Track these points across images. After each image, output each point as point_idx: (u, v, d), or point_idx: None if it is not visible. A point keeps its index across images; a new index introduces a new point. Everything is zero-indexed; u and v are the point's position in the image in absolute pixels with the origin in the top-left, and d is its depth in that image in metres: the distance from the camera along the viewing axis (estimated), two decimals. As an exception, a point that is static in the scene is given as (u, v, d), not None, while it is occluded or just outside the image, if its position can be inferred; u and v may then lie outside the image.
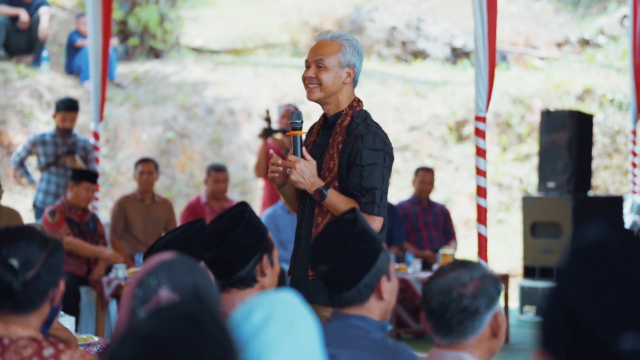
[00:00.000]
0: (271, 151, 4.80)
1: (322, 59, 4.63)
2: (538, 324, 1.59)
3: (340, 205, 4.49)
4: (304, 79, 4.68)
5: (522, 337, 9.68)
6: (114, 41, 14.70)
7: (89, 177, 8.86)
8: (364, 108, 4.74)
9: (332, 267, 3.21)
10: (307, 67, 4.69)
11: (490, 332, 2.91)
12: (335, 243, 3.24)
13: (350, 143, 4.57)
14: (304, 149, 4.60)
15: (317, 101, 4.69)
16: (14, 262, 2.81)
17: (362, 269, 3.21)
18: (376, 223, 4.48)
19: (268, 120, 10.45)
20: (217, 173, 10.05)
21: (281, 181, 4.70)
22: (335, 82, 4.63)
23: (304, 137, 4.69)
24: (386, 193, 4.60)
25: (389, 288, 3.26)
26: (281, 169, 4.64)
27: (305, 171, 4.52)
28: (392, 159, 4.65)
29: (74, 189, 8.73)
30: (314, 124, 4.85)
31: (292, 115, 4.65)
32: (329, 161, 4.61)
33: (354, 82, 4.72)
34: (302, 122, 4.63)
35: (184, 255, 2.77)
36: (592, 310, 1.49)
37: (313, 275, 4.43)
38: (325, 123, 4.74)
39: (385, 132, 4.73)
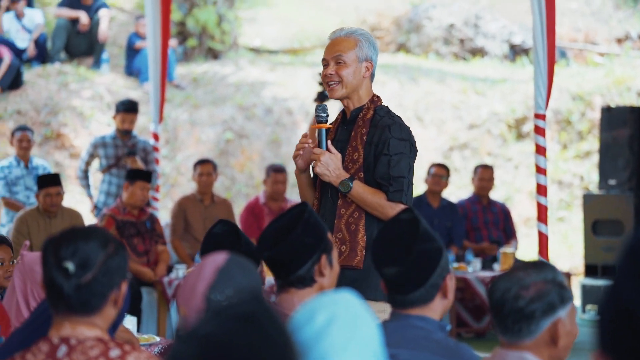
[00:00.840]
0: (306, 134, 4.78)
1: (341, 54, 4.66)
2: (596, 324, 1.57)
3: (367, 196, 4.54)
4: (324, 76, 4.70)
5: (584, 336, 9.55)
6: (173, 42, 14.80)
7: (143, 175, 8.93)
8: (383, 104, 4.77)
9: (401, 269, 3.20)
10: (325, 65, 4.71)
11: (549, 339, 2.87)
12: (400, 244, 3.22)
13: (376, 134, 4.61)
14: (329, 142, 4.64)
15: (339, 98, 4.71)
16: (70, 266, 2.81)
17: (429, 269, 3.20)
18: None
19: (321, 84, 10.57)
20: (277, 174, 10.04)
21: (303, 166, 4.75)
22: (356, 76, 4.68)
23: (328, 130, 4.71)
24: (412, 183, 4.64)
25: (452, 286, 3.26)
26: (307, 146, 4.68)
27: (330, 164, 4.56)
28: (416, 150, 4.69)
29: (129, 189, 8.81)
30: (331, 123, 4.87)
31: (317, 109, 4.68)
32: (352, 153, 4.64)
33: (372, 76, 4.75)
34: (327, 115, 4.67)
35: (234, 255, 2.78)
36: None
37: None
38: (345, 119, 4.78)
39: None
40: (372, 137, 4.61)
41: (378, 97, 4.77)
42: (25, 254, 3.65)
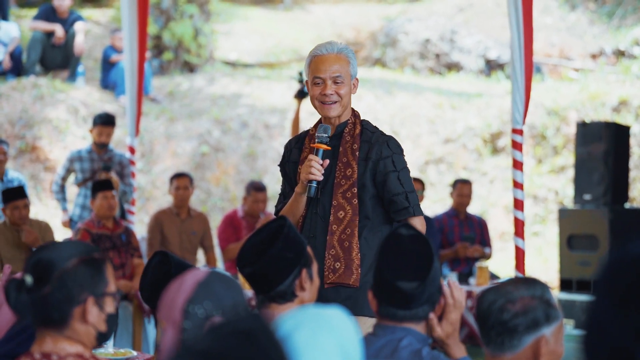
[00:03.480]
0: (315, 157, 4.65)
1: (340, 75, 4.66)
2: (580, 338, 1.58)
3: None
4: (322, 95, 4.65)
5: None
6: (149, 55, 14.77)
7: (102, 186, 8.85)
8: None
9: (419, 284, 3.22)
10: (319, 82, 4.67)
11: (532, 356, 2.86)
12: (420, 261, 3.25)
13: (373, 150, 4.61)
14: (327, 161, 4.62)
15: (335, 116, 4.69)
16: (28, 278, 2.80)
17: (439, 284, 3.28)
18: (423, 223, 4.62)
19: (302, 82, 10.62)
20: (258, 193, 10.00)
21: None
22: (350, 95, 4.70)
23: (321, 155, 4.65)
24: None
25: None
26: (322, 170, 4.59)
27: None
28: None
29: (95, 203, 8.75)
30: (300, 139, 4.85)
31: (319, 129, 4.64)
32: (344, 169, 4.62)
33: None
34: (328, 136, 4.62)
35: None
36: (625, 323, 1.48)
37: (330, 284, 4.48)
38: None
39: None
40: (368, 153, 4.61)
41: (357, 111, 4.78)
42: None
